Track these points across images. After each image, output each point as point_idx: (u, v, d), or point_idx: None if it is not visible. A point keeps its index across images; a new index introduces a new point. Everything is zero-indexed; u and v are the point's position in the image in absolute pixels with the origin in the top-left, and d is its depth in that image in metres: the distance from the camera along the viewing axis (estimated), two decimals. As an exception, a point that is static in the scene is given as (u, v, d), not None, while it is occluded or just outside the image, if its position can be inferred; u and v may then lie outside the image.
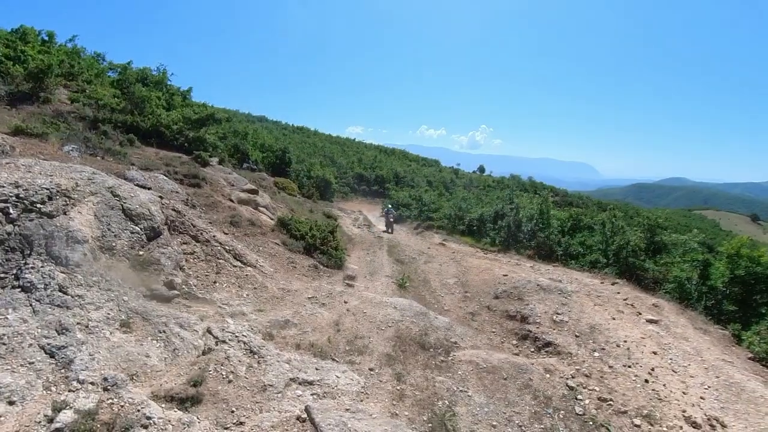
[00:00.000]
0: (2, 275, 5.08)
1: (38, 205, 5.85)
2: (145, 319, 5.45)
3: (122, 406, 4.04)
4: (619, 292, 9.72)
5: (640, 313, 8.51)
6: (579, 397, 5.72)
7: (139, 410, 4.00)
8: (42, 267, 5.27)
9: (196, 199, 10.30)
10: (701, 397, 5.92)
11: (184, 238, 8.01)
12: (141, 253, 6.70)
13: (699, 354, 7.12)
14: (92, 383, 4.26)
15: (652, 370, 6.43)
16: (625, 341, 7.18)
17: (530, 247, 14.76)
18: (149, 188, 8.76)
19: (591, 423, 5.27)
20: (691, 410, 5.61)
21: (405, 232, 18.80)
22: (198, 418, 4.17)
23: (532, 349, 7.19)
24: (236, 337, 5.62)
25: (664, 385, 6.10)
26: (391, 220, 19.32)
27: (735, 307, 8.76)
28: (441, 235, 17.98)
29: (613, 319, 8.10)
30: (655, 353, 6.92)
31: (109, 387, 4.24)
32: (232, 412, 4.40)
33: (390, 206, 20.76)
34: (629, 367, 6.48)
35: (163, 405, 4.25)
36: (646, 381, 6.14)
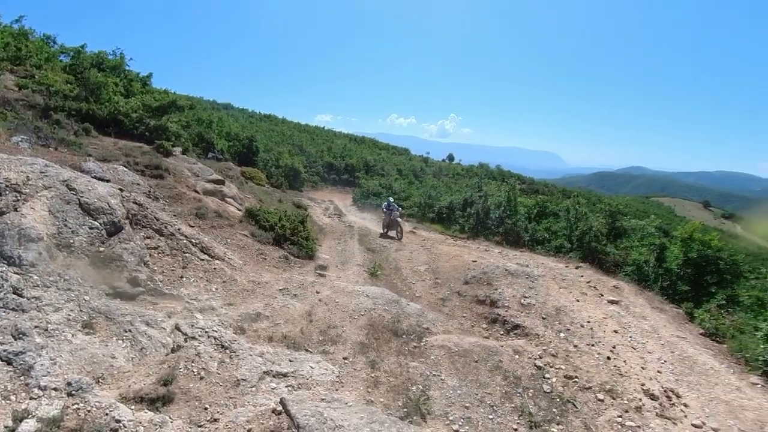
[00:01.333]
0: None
1: (-15, 201, 5.48)
2: (109, 319, 5.24)
3: (89, 411, 3.88)
4: (582, 276, 10.13)
5: (602, 295, 8.91)
6: (546, 375, 5.95)
7: (107, 414, 3.86)
8: (-8, 268, 4.95)
9: (159, 191, 9.90)
10: (658, 371, 6.30)
11: (147, 232, 7.71)
12: (101, 249, 6.40)
13: (656, 331, 7.55)
14: (55, 389, 4.06)
15: (614, 347, 6.77)
16: (589, 321, 7.51)
17: (498, 233, 15.11)
18: (108, 180, 8.35)
19: (558, 400, 5.51)
20: (650, 383, 5.96)
21: (375, 221, 18.82)
22: (170, 418, 4.07)
23: (502, 332, 7.40)
24: (206, 332, 5.49)
25: (624, 361, 6.45)
26: (398, 218, 14.71)
27: (688, 287, 9.32)
28: (411, 223, 18.11)
29: (577, 300, 8.45)
30: (616, 332, 7.28)
31: (73, 392, 4.05)
32: (206, 409, 4.33)
33: (392, 200, 15.56)
34: (592, 345, 6.79)
35: (133, 407, 4.12)
36: (608, 358, 6.47)
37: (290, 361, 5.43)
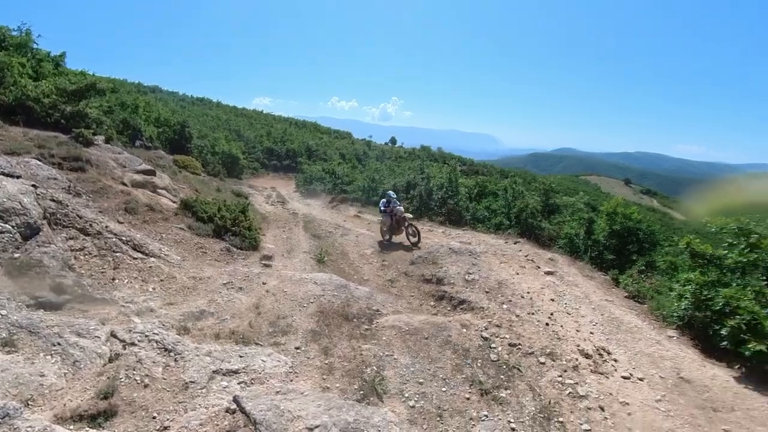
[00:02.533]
0: None
1: None
2: (33, 333, 4.74)
3: (21, 438, 3.53)
4: (521, 250, 10.73)
5: (539, 267, 9.51)
6: (493, 345, 6.29)
7: (42, 436, 3.53)
8: None
9: (80, 186, 9.05)
10: (591, 332, 6.89)
11: (69, 233, 7.05)
12: (17, 255, 5.76)
13: (587, 297, 8.22)
14: (-24, 420, 3.64)
15: (551, 314, 7.29)
16: (528, 292, 8.00)
17: (441, 213, 15.53)
18: (19, 176, 7.46)
19: (504, 366, 5.86)
20: (584, 344, 6.52)
21: (320, 207, 18.57)
22: (115, 432, 3.81)
23: (449, 308, 7.68)
24: (146, 336, 5.15)
25: (561, 326, 6.97)
26: (402, 214, 11.31)
27: (613, 256, 10.19)
28: (356, 207, 18.10)
29: (517, 274, 8.96)
30: (552, 300, 7.84)
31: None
32: (154, 417, 4.09)
33: (392, 194, 11.97)
34: (533, 314, 7.26)
35: (71, 427, 3.79)
36: (547, 324, 6.96)
37: (240, 356, 5.26)
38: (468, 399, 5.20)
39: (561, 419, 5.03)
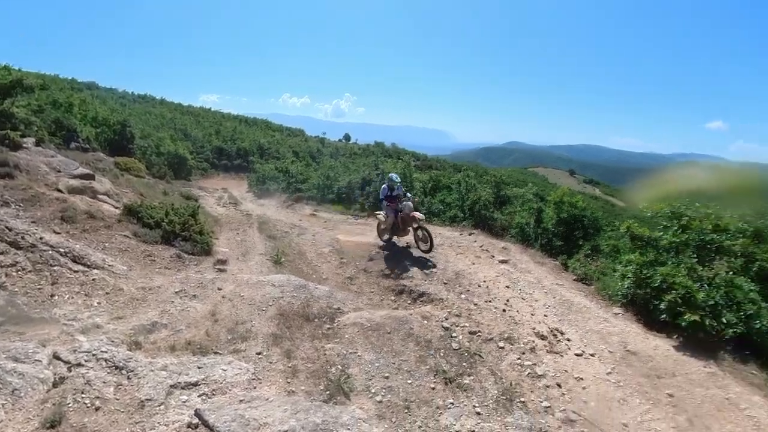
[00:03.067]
0: None
1: None
2: (-39, 362, 4.31)
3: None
4: (475, 241, 11.06)
5: (494, 256, 9.86)
6: (454, 334, 6.47)
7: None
8: None
9: (8, 194, 8.30)
10: (545, 315, 7.24)
11: (-2, 247, 6.46)
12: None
13: (540, 282, 8.62)
14: None
15: (507, 301, 7.59)
16: (485, 281, 8.28)
17: (397, 209, 15.67)
18: (-69, 187, 6.74)
19: (466, 354, 6.06)
20: (539, 326, 6.86)
21: (274, 207, 18.15)
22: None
23: (409, 301, 7.79)
24: (94, 355, 4.81)
25: (517, 311, 7.28)
26: (411, 211, 9.27)
27: (561, 242, 10.73)
28: (311, 206, 17.86)
29: (473, 264, 9.23)
30: (508, 287, 8.15)
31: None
32: (109, 440, 3.85)
33: (395, 177, 9.86)
34: (490, 302, 7.53)
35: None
36: (504, 310, 7.25)
37: (199, 368, 5.04)
38: (433, 389, 5.31)
39: (522, 399, 5.29)
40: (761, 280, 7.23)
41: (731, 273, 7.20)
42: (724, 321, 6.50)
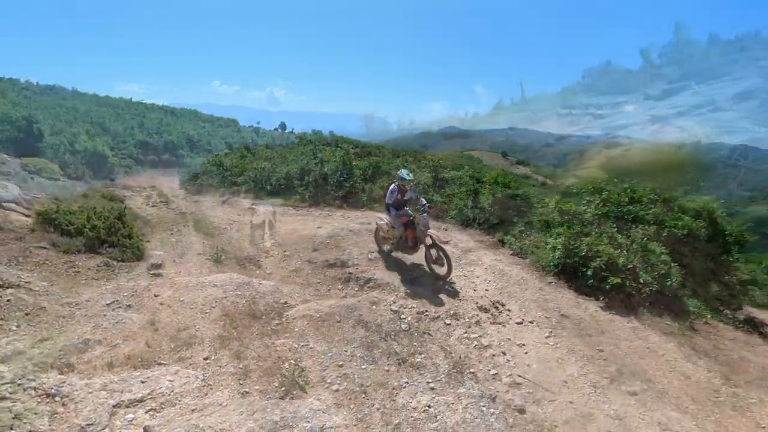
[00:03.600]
0: None
1: None
2: None
3: None
4: (418, 224, 11.32)
5: (434, 237, 10.17)
6: (402, 316, 6.62)
7: None
8: None
9: None
10: (486, 290, 7.64)
11: None
12: None
13: (479, 259, 9.03)
14: None
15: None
16: (428, 262, 8.53)
17: (338, 197, 15.56)
18: None
19: (416, 334, 6.25)
20: (481, 301, 7.24)
21: (209, 203, 17.28)
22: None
23: (356, 289, 7.80)
24: (19, 385, 4.32)
25: (460, 288, 7.61)
26: (426, 225, 7.71)
27: (498, 220, 11.32)
28: (249, 200, 17.24)
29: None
30: (438, 265, 8.47)
31: None
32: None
33: (405, 174, 8.02)
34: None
35: None
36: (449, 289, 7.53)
37: (143, 382, 4.73)
38: (388, 371, 5.43)
39: (472, 370, 5.62)
40: (671, 243, 8.24)
41: (646, 239, 8.13)
42: (642, 281, 7.38)
